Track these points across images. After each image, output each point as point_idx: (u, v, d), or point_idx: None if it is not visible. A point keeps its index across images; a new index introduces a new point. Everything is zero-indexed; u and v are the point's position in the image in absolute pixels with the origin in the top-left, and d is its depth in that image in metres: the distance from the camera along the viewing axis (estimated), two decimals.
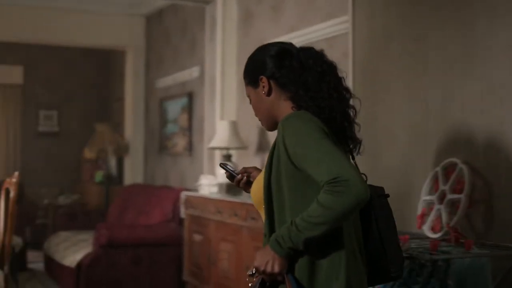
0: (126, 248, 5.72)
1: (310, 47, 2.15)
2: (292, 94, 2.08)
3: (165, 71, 7.61)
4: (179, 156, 7.17)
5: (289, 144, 1.94)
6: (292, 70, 2.09)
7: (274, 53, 2.16)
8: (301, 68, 2.08)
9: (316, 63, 2.08)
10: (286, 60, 2.11)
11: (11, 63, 9.75)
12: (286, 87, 2.10)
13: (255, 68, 2.21)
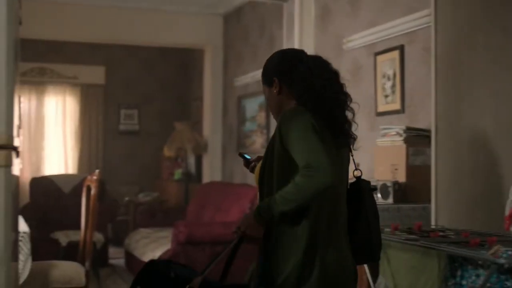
0: (204, 245, 5.74)
1: (319, 56, 2.49)
2: (299, 94, 2.39)
3: (243, 69, 7.62)
4: (257, 154, 7.16)
5: (283, 130, 2.27)
6: (300, 75, 2.40)
7: (287, 58, 2.50)
8: (309, 73, 2.39)
9: (323, 71, 2.41)
10: (297, 65, 2.42)
11: (93, 63, 9.99)
12: (293, 88, 2.41)
13: (270, 70, 2.52)
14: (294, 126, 2.26)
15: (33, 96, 9.80)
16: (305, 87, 2.37)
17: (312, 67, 2.40)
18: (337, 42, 5.42)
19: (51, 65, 9.82)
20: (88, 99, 9.98)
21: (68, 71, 9.87)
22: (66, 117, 9.92)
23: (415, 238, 3.04)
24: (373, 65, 4.87)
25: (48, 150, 9.86)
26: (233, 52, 8.07)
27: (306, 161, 2.17)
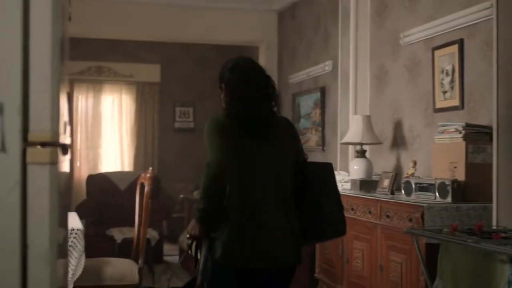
0: None
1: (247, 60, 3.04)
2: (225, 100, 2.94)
3: (298, 66, 7.55)
4: (312, 152, 7.08)
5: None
6: (225, 82, 2.93)
7: (224, 67, 3.01)
8: (229, 80, 2.90)
9: (241, 75, 2.89)
10: (225, 73, 2.95)
11: (149, 62, 10.07)
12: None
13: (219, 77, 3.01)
14: (205, 134, 2.78)
15: (91, 94, 9.94)
16: (227, 93, 2.89)
17: (236, 73, 2.89)
18: (394, 37, 5.30)
19: (108, 63, 9.93)
20: (144, 97, 10.06)
21: (124, 69, 9.97)
22: (122, 115, 10.03)
23: (476, 239, 2.92)
24: (431, 60, 4.74)
25: (105, 148, 9.99)
26: (287, 49, 8.00)
27: (206, 162, 2.64)
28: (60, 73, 1.66)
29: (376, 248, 4.35)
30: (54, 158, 1.58)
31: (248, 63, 3.01)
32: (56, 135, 1.60)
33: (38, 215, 1.55)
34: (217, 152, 2.64)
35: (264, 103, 2.87)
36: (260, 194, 2.74)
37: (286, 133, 2.91)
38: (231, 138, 2.71)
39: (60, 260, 1.79)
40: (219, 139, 2.70)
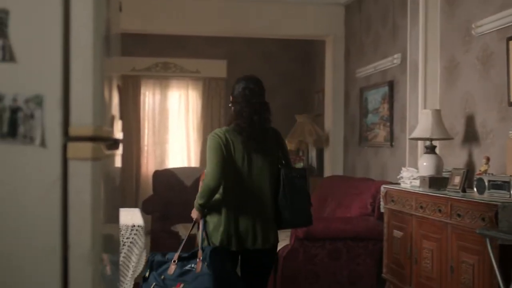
0: (324, 242, 5.57)
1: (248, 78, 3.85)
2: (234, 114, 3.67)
3: (366, 60, 7.36)
4: (379, 148, 6.90)
5: None
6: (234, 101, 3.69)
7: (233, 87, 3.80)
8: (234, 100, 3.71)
9: (240, 94, 3.69)
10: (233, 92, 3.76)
11: (215, 57, 10.05)
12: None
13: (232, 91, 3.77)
14: (207, 148, 3.60)
15: (157, 90, 9.99)
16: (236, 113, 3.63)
17: (236, 93, 3.72)
18: (465, 28, 5.06)
19: (174, 59, 9.96)
20: (210, 92, 10.04)
21: (190, 65, 9.98)
22: (189, 110, 10.04)
23: None
24: (506, 51, 4.49)
25: (172, 143, 10.02)
26: (354, 42, 7.81)
27: (206, 171, 3.51)
28: (105, 64, 1.58)
29: (446, 248, 4.16)
30: (96, 153, 1.51)
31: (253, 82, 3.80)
32: (99, 129, 1.52)
33: (79, 213, 1.48)
34: (214, 167, 3.46)
35: (262, 117, 3.67)
36: (250, 191, 3.55)
37: (273, 141, 3.71)
38: (231, 146, 3.52)
39: (109, 257, 1.72)
40: (216, 156, 3.47)
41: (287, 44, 10.16)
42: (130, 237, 3.91)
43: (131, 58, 9.82)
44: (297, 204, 3.59)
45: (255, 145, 3.54)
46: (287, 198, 3.53)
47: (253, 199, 3.55)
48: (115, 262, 1.98)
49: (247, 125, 3.54)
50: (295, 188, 3.57)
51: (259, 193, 3.56)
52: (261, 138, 3.60)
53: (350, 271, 5.57)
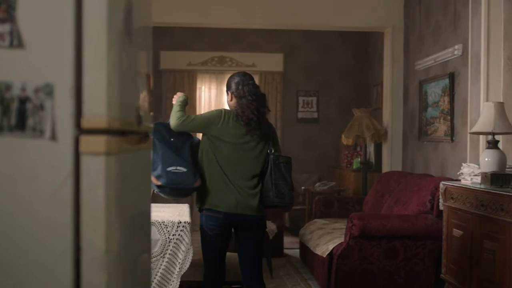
0: (380, 240, 5.36)
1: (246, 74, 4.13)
2: (236, 103, 3.99)
3: (425, 52, 7.09)
4: (439, 142, 6.63)
5: None
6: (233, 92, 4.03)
7: (232, 80, 4.09)
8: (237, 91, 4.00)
9: (244, 86, 3.99)
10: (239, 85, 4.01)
11: (271, 51, 9.92)
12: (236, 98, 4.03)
13: (227, 85, 4.13)
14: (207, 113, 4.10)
15: (213, 84, 9.92)
16: (239, 102, 3.96)
17: (239, 85, 4.00)
18: None
19: (230, 53, 9.88)
20: (266, 86, 9.91)
21: (246, 59, 9.88)
22: None
23: None
24: None
25: None
26: (414, 33, 7.54)
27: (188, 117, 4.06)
28: (126, 51, 1.45)
29: (509, 249, 3.91)
30: (112, 147, 1.38)
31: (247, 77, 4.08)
32: (114, 121, 1.39)
33: (93, 212, 1.36)
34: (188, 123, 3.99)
35: (259, 108, 3.97)
36: (236, 168, 3.94)
37: (266, 132, 4.02)
38: (234, 127, 3.94)
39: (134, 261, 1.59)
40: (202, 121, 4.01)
41: (345, 36, 9.95)
42: (176, 234, 3.81)
43: (187, 53, 9.78)
44: (281, 187, 3.98)
45: (253, 130, 3.93)
46: (272, 181, 3.95)
47: (239, 174, 3.95)
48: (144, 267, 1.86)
49: (254, 116, 3.92)
50: (280, 172, 3.99)
51: (246, 171, 3.97)
52: (258, 125, 3.96)
53: (407, 271, 5.36)
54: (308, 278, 6.29)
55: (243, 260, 4.06)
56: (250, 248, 4.06)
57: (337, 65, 10.07)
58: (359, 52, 10.06)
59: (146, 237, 1.90)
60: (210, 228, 3.87)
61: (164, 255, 3.78)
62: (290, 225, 9.17)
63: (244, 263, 4.06)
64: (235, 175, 3.93)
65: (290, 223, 9.20)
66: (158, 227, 3.82)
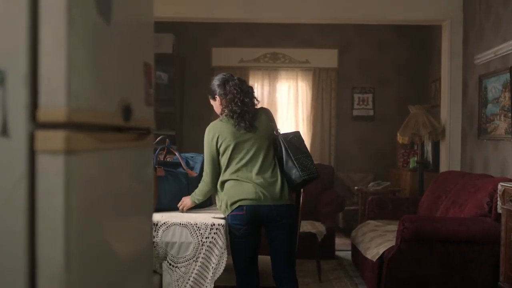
0: (434, 244, 5.04)
1: (238, 78, 4.05)
2: (225, 105, 3.98)
3: (485, 45, 6.70)
4: (500, 141, 6.25)
5: None
6: (227, 95, 3.95)
7: (218, 83, 4.08)
8: (230, 93, 3.92)
9: (237, 89, 3.92)
10: (226, 87, 3.99)
11: (326, 47, 9.66)
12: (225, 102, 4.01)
13: (209, 91, 4.15)
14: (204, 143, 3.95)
15: (266, 81, 9.72)
16: (228, 101, 3.92)
17: (233, 88, 3.91)
18: None
19: (283, 49, 9.65)
20: (321, 83, 9.65)
21: (300, 55, 9.64)
22: (298, 102, 9.71)
23: None
24: None
25: None
26: (473, 26, 7.16)
27: (204, 170, 3.97)
28: (98, 31, 1.25)
29: None
30: (74, 144, 1.18)
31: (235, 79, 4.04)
32: (78, 113, 1.19)
33: (50, 221, 1.15)
34: (208, 165, 3.90)
35: (250, 103, 3.92)
36: (246, 162, 3.85)
37: (264, 118, 3.97)
38: (228, 130, 3.87)
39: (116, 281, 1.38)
40: (209, 152, 3.90)
41: (402, 31, 9.59)
42: (209, 237, 3.61)
43: (239, 49, 9.61)
44: (303, 161, 3.86)
45: (248, 122, 3.85)
46: (292, 157, 3.85)
47: (253, 167, 3.85)
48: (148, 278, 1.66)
49: (239, 107, 3.85)
50: (295, 147, 3.90)
51: (260, 161, 3.86)
52: (252, 115, 3.90)
53: (462, 278, 5.02)
54: (358, 283, 6.02)
55: (273, 257, 3.90)
56: (280, 243, 3.87)
57: (393, 60, 9.72)
58: (417, 47, 9.68)
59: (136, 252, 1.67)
60: (236, 228, 3.74)
61: (197, 259, 3.59)
62: (343, 226, 8.90)
63: (274, 261, 3.90)
64: (247, 169, 3.83)
65: (344, 223, 8.93)
66: (190, 230, 3.63)
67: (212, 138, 3.87)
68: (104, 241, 1.34)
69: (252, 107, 3.94)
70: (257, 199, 3.74)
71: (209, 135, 3.90)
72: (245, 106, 3.86)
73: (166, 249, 3.63)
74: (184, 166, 4.25)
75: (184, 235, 3.63)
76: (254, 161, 3.86)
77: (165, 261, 3.63)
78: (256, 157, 3.87)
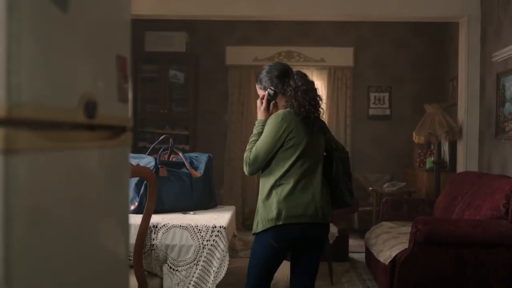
0: (448, 247, 4.89)
1: (299, 71, 3.60)
2: (287, 99, 3.46)
3: (503, 42, 6.52)
4: None
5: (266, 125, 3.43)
6: (290, 86, 3.46)
7: (277, 73, 3.55)
8: (296, 85, 3.44)
9: (304, 82, 3.47)
10: (286, 78, 3.52)
11: (341, 45, 9.51)
12: (284, 94, 3.50)
13: (266, 81, 3.56)
14: (268, 126, 3.39)
15: None
16: (292, 95, 3.43)
17: (297, 80, 3.46)
18: None
19: (298, 48, 9.52)
20: (336, 82, 9.51)
21: (315, 53, 9.50)
22: None
23: None
24: None
25: None
26: (491, 22, 6.97)
27: (253, 153, 3.39)
28: (50, 18, 1.13)
29: None
30: (15, 143, 1.06)
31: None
32: (22, 109, 1.07)
33: None
34: (261, 156, 3.38)
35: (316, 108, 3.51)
36: (311, 169, 3.45)
37: (321, 128, 3.57)
38: (301, 126, 3.40)
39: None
40: (271, 142, 3.37)
41: (419, 28, 9.42)
42: (210, 240, 3.49)
43: (253, 48, 9.49)
44: (350, 185, 3.62)
45: (318, 125, 3.54)
46: (345, 179, 3.58)
47: (312, 175, 3.46)
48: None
49: (312, 106, 3.47)
50: (346, 169, 3.63)
51: (316, 171, 3.48)
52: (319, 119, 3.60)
53: (477, 283, 4.85)
54: (371, 286, 5.87)
55: (303, 274, 3.58)
56: (318, 261, 3.62)
57: (410, 58, 9.54)
58: (434, 45, 9.50)
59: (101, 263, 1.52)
60: (278, 245, 3.36)
61: (198, 262, 3.47)
62: (359, 227, 8.74)
63: (303, 278, 3.59)
64: (311, 176, 3.43)
65: (359, 224, 8.77)
66: (191, 232, 3.52)
67: (282, 127, 3.33)
68: (56, 251, 1.22)
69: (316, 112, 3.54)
70: (315, 216, 3.37)
71: (281, 123, 3.34)
72: (317, 107, 3.50)
73: (166, 252, 3.52)
74: (188, 166, 4.13)
75: (185, 237, 3.51)
76: (316, 170, 3.46)
77: (166, 264, 3.52)
78: (317, 166, 3.48)
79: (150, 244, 3.53)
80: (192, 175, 4.09)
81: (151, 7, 7.34)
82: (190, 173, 4.09)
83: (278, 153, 3.37)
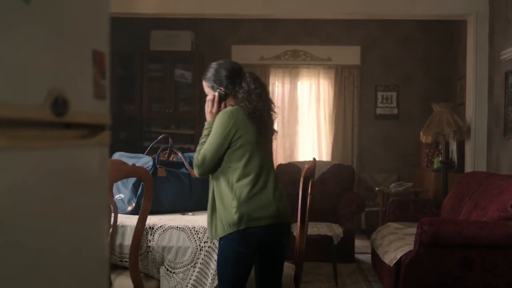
0: (454, 248, 4.79)
1: (252, 73, 3.44)
2: (238, 101, 3.35)
3: (511, 40, 6.41)
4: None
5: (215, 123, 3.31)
6: (242, 87, 3.36)
7: (227, 73, 3.40)
8: (248, 86, 3.35)
9: (257, 84, 3.37)
10: (237, 79, 3.39)
11: (348, 44, 9.42)
12: (236, 94, 3.38)
13: (215, 81, 3.42)
14: (215, 124, 3.28)
15: (287, 79, 9.51)
16: (244, 97, 3.32)
17: (250, 83, 3.34)
18: None
19: (304, 47, 9.43)
20: (343, 81, 9.41)
21: (321, 52, 9.41)
22: (320, 100, 9.48)
23: None
24: None
25: (302, 135, 9.51)
26: (499, 20, 6.86)
27: (201, 154, 3.28)
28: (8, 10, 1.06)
29: None
30: None
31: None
32: None
33: None
34: (210, 156, 3.25)
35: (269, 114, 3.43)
36: (265, 167, 3.32)
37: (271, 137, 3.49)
38: (250, 124, 3.28)
39: None
40: (219, 140, 3.23)
41: (427, 27, 9.31)
42: (208, 241, 3.42)
43: (259, 47, 9.42)
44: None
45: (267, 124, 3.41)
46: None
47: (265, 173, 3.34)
48: None
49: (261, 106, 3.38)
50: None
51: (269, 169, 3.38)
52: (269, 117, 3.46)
53: (484, 285, 4.75)
54: None
55: (269, 278, 3.40)
56: (282, 263, 3.46)
57: (418, 57, 9.43)
58: (443, 44, 9.39)
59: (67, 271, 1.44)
60: (245, 250, 3.21)
61: (195, 264, 3.40)
62: (366, 227, 8.65)
63: (270, 281, 3.41)
64: (266, 175, 3.31)
65: (366, 225, 8.68)
66: (188, 234, 3.44)
67: (229, 123, 3.22)
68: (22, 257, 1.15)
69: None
70: (277, 216, 3.24)
71: (228, 119, 3.22)
72: (266, 105, 3.38)
73: (163, 253, 3.45)
74: (187, 166, 4.06)
75: (182, 239, 3.44)
76: (270, 168, 3.36)
77: (163, 266, 3.45)
78: (270, 164, 3.39)
79: (147, 245, 3.46)
80: (192, 175, 4.01)
81: (156, 5, 7.27)
82: (189, 173, 4.02)
83: (228, 153, 3.24)
